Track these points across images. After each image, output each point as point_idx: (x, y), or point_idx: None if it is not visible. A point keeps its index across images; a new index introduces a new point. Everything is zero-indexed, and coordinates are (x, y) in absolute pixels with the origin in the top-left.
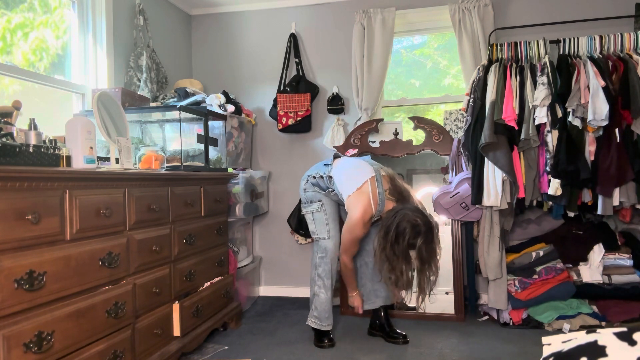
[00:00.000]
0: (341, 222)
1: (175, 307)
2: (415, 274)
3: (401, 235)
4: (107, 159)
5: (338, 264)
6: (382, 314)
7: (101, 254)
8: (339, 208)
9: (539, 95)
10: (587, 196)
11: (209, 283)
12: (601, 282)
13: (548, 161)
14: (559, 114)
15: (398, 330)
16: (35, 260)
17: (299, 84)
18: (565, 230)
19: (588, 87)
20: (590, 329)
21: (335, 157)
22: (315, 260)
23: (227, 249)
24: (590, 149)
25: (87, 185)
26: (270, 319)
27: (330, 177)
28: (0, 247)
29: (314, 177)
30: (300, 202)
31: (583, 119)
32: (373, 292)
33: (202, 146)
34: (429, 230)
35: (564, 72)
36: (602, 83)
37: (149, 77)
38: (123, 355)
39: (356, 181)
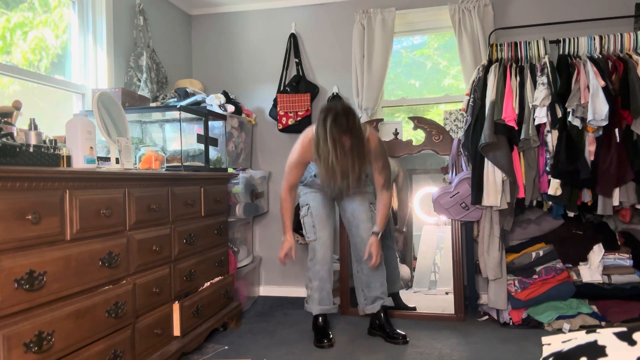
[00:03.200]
0: (337, 224)
1: (176, 307)
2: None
3: (321, 117)
4: (107, 159)
5: (331, 264)
6: (382, 314)
7: (101, 254)
8: (333, 209)
9: (539, 95)
10: (587, 196)
11: (209, 283)
12: (601, 282)
13: (548, 161)
14: (559, 114)
15: (398, 331)
16: (36, 260)
17: (299, 84)
18: (565, 230)
19: (588, 87)
20: (590, 329)
21: None
22: (307, 264)
23: (227, 249)
24: (590, 149)
25: (87, 185)
26: (270, 319)
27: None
28: (0, 247)
29: (306, 178)
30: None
31: (583, 119)
32: (370, 298)
33: (202, 146)
34: (344, 111)
35: (563, 72)
36: (602, 83)
37: (149, 77)
38: (123, 355)
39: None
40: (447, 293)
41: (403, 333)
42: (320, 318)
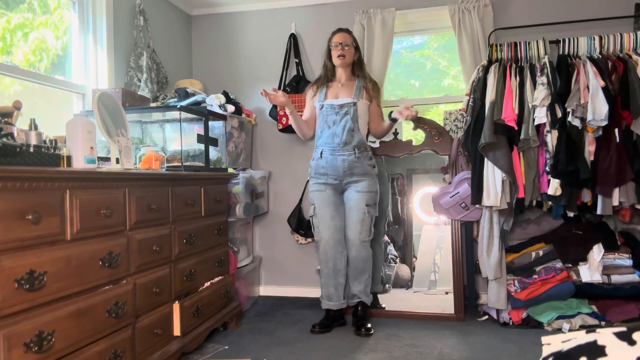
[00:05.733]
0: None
1: (176, 306)
2: None
3: None
4: (107, 159)
5: (337, 262)
6: (359, 308)
7: (101, 253)
8: (340, 207)
9: (539, 95)
10: (586, 196)
11: (209, 283)
12: (601, 282)
13: (548, 161)
14: (559, 114)
15: (368, 325)
16: (36, 260)
17: (299, 84)
18: (564, 230)
19: (588, 87)
20: (590, 329)
21: None
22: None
23: (227, 248)
24: (589, 149)
25: (88, 185)
26: (270, 319)
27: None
28: (0, 247)
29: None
30: (300, 201)
31: (582, 119)
32: (350, 294)
33: (202, 146)
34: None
35: (563, 72)
36: (602, 83)
37: (149, 77)
38: (123, 355)
39: None
40: (447, 293)
41: (369, 326)
42: (329, 311)
